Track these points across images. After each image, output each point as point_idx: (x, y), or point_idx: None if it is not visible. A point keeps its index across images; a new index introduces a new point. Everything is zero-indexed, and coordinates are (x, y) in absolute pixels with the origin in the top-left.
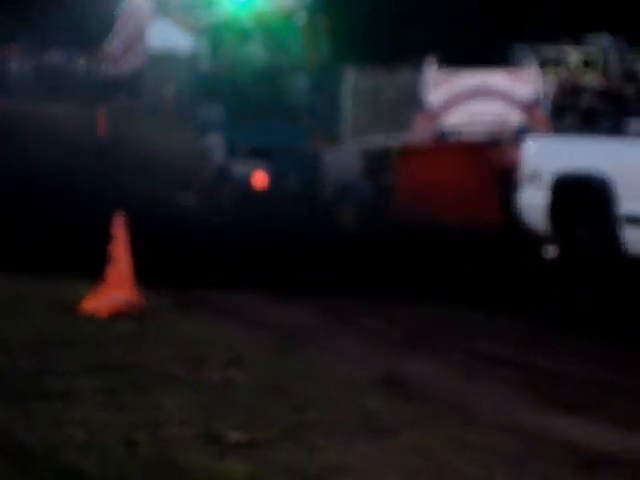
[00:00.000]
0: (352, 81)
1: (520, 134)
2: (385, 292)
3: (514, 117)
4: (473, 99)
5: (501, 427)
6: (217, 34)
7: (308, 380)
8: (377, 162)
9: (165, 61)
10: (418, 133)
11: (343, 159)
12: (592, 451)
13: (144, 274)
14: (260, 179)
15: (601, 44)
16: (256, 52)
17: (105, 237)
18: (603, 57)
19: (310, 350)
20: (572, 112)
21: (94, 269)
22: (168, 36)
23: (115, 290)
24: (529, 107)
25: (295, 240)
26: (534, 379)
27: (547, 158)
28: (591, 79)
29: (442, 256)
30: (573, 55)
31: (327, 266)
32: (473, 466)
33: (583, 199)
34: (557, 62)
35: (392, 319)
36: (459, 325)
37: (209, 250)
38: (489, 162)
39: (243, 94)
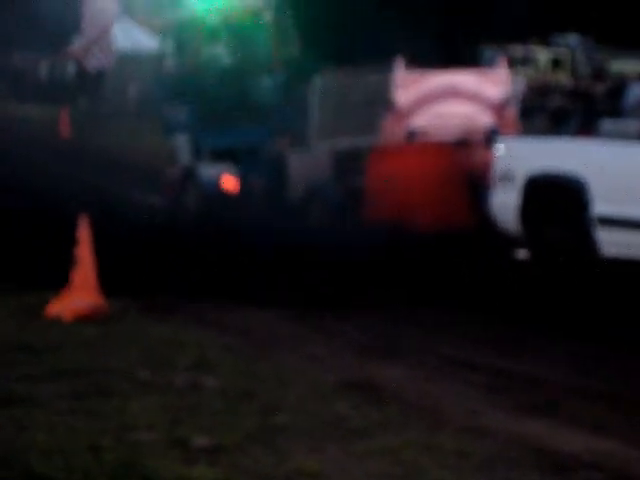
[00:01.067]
0: (320, 81)
1: (490, 135)
2: (359, 297)
3: (484, 118)
4: (442, 100)
5: (471, 431)
6: (182, 34)
7: (277, 385)
8: (347, 163)
9: (129, 62)
10: (388, 134)
11: (312, 161)
12: (562, 454)
13: (110, 278)
14: (229, 182)
15: (568, 43)
16: (222, 52)
17: (70, 240)
18: (571, 56)
19: (280, 355)
20: (541, 112)
21: (59, 272)
22: (132, 37)
23: (80, 294)
24: (499, 108)
25: (266, 243)
26: (505, 383)
27: (520, 159)
28: (561, 79)
29: (416, 260)
30: (542, 54)
31: (300, 271)
32: (443, 470)
33: (556, 200)
34: (524, 61)
35: (366, 324)
36: (432, 330)
37: (177, 253)
38: (459, 163)
39: (209, 95)
